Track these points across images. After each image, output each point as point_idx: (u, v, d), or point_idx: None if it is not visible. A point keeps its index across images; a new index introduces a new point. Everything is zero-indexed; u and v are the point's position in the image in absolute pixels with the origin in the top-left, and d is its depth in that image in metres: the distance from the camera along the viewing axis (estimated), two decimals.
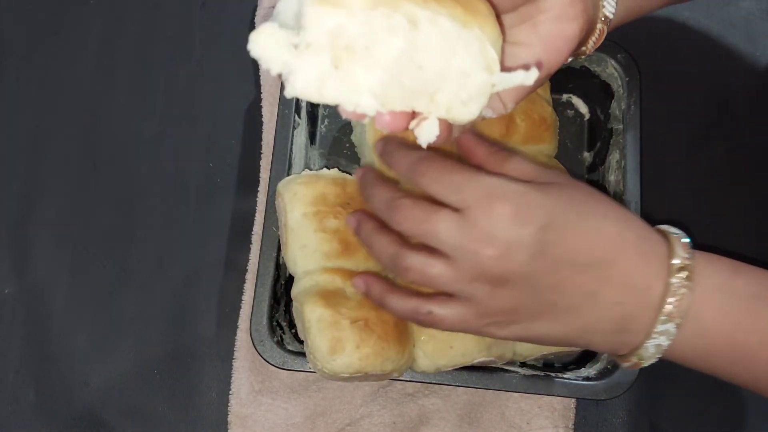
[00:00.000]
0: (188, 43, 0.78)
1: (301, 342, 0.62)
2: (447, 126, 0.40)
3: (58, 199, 0.73)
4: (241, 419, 0.66)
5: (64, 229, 0.72)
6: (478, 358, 0.58)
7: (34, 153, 0.74)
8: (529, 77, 0.39)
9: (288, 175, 0.65)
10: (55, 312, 0.70)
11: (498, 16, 0.40)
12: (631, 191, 0.65)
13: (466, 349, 0.58)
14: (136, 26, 0.78)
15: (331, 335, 0.55)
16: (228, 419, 0.67)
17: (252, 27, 0.77)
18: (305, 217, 0.59)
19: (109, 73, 0.77)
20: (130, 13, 0.79)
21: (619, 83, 0.69)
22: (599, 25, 0.45)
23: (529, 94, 0.44)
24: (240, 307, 0.69)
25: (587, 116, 0.74)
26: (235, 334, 0.69)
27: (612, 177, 0.68)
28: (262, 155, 0.73)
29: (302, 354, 0.61)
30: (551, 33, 0.41)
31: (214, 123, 0.75)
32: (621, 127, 0.68)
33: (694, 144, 0.76)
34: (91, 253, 0.71)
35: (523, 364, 0.64)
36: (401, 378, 0.61)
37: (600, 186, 0.70)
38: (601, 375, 0.62)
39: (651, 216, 0.70)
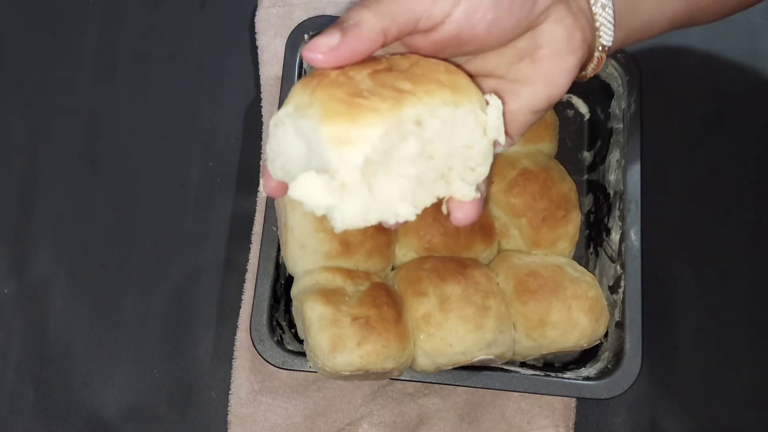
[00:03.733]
0: (188, 43, 0.78)
1: (301, 342, 0.62)
2: (475, 204, 0.41)
3: (58, 199, 0.73)
4: (241, 419, 0.66)
5: (64, 229, 0.72)
6: (478, 357, 0.58)
7: (34, 153, 0.74)
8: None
9: None
10: (55, 312, 0.70)
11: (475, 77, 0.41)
12: (631, 190, 0.65)
13: (466, 347, 0.58)
14: (136, 26, 0.78)
15: (332, 333, 0.55)
16: (228, 419, 0.67)
17: (252, 27, 0.77)
18: (305, 217, 0.59)
19: (109, 73, 0.77)
20: (130, 13, 0.79)
21: (619, 82, 0.69)
22: (597, 54, 0.45)
23: (533, 123, 0.44)
24: (240, 307, 0.69)
25: (587, 116, 0.74)
26: (235, 334, 0.69)
27: (612, 176, 0.68)
28: (262, 155, 0.73)
29: (302, 354, 0.61)
30: (551, 68, 0.42)
31: (213, 123, 0.75)
32: (621, 126, 0.68)
33: (694, 143, 0.76)
34: (91, 253, 0.71)
35: (523, 364, 0.64)
36: (401, 378, 0.61)
37: (600, 185, 0.70)
38: (601, 375, 0.62)
39: (651, 216, 0.70)
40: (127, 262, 0.71)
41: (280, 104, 0.67)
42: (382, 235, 0.61)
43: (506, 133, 0.43)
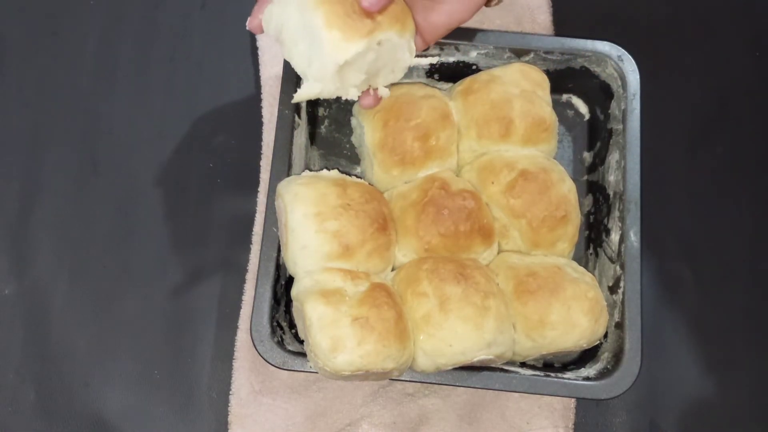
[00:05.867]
0: (188, 43, 0.78)
1: (301, 342, 0.62)
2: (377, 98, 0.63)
3: (58, 199, 0.73)
4: (241, 419, 0.67)
5: (64, 229, 0.72)
6: (478, 357, 0.58)
7: (35, 153, 0.74)
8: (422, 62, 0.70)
9: (288, 175, 0.65)
10: (55, 312, 0.70)
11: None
12: (631, 191, 0.65)
13: (466, 347, 0.58)
14: (136, 26, 0.78)
15: (333, 333, 0.55)
16: (228, 419, 0.67)
17: None
18: (306, 217, 0.59)
19: (109, 73, 0.77)
20: (130, 13, 0.79)
21: (619, 83, 0.69)
22: None
23: (444, 33, 0.62)
24: (240, 307, 0.69)
25: (587, 116, 0.75)
26: (235, 335, 0.69)
27: (612, 177, 0.68)
28: (262, 155, 0.73)
29: (302, 354, 0.61)
30: None
31: (214, 123, 0.75)
32: (621, 127, 0.68)
33: (694, 144, 0.76)
34: (91, 253, 0.71)
35: (523, 364, 0.64)
36: (401, 378, 0.61)
37: (600, 186, 0.70)
38: (601, 375, 0.62)
39: (651, 216, 0.70)
40: (127, 262, 0.71)
41: (281, 104, 0.67)
42: (382, 236, 0.61)
43: (424, 39, 0.62)
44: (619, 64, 0.69)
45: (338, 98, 0.60)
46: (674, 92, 0.77)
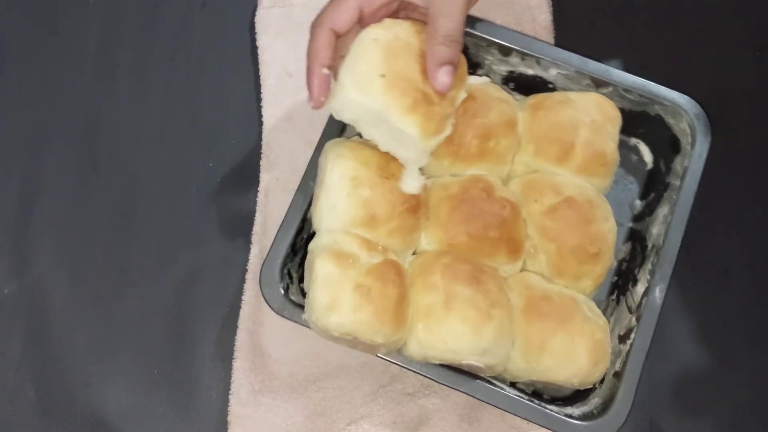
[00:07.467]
0: (188, 43, 0.78)
1: (305, 296, 0.62)
2: None
3: (58, 199, 0.73)
4: (241, 419, 0.67)
5: (64, 229, 0.72)
6: (468, 360, 0.57)
7: (34, 153, 0.74)
8: None
9: (340, 137, 0.65)
10: (55, 312, 0.70)
11: None
12: (669, 249, 0.63)
13: (459, 347, 0.57)
14: (136, 26, 0.78)
15: (333, 293, 0.55)
16: (228, 419, 0.67)
17: (252, 27, 0.77)
18: (342, 179, 0.59)
19: (109, 73, 0.77)
20: (130, 13, 0.79)
21: (689, 140, 0.67)
22: None
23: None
24: (240, 307, 0.69)
25: (650, 166, 0.72)
26: (235, 335, 0.69)
27: (655, 229, 0.66)
28: (262, 155, 0.73)
29: (301, 307, 0.60)
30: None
31: (214, 123, 0.75)
32: (678, 183, 0.66)
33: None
34: (91, 253, 0.71)
35: (512, 385, 0.64)
36: (389, 359, 0.60)
37: (641, 236, 0.68)
38: (584, 417, 0.60)
39: None
40: (127, 262, 0.71)
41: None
42: (410, 218, 0.60)
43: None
44: (695, 122, 0.67)
45: None
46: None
